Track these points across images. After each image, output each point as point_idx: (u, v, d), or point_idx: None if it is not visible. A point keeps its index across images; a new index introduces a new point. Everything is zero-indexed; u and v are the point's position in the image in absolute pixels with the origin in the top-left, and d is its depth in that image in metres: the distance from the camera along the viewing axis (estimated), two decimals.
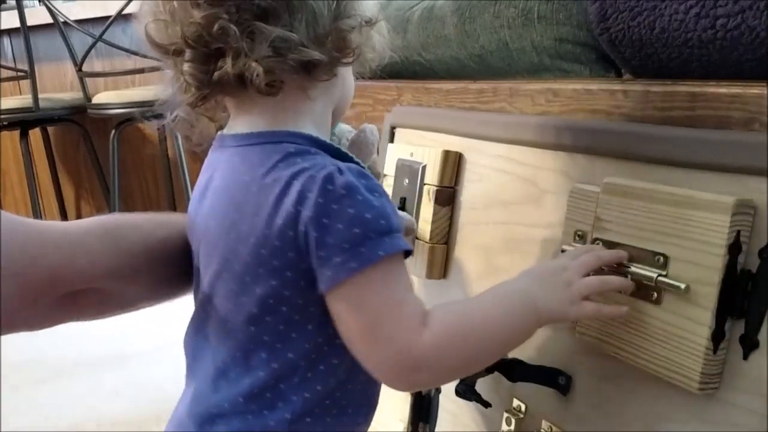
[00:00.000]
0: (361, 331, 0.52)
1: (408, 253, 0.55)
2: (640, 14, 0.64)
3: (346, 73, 0.62)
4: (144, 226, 0.66)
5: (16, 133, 2.38)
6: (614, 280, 0.60)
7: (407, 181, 0.98)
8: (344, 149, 0.61)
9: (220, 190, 0.58)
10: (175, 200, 2.48)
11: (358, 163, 0.57)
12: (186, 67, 0.55)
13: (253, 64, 0.51)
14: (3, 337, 0.62)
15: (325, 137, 0.59)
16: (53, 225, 0.60)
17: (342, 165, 0.54)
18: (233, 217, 0.56)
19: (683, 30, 0.60)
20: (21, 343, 1.81)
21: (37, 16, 2.31)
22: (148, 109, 0.63)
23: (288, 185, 0.52)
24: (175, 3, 0.53)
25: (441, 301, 0.63)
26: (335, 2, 0.55)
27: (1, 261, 0.54)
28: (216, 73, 0.53)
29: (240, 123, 0.59)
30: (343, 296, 0.52)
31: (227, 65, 0.52)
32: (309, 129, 0.58)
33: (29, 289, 0.57)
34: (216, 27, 0.51)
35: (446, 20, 0.93)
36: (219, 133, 0.62)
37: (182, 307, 0.70)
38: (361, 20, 0.57)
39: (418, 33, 1.00)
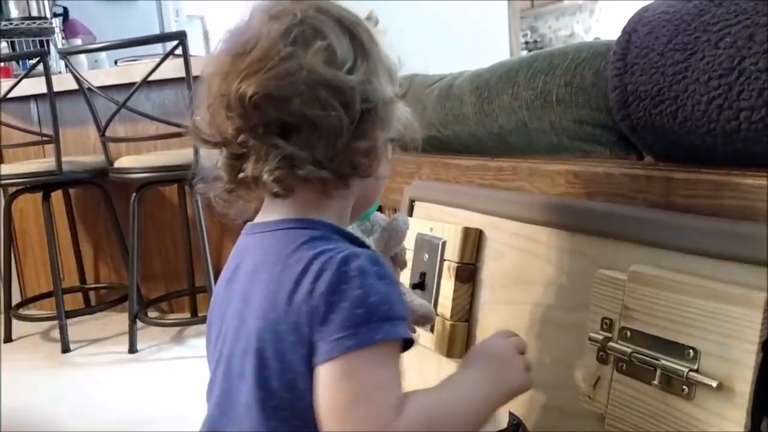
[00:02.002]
0: (339, 406, 0.54)
1: (408, 344, 0.58)
2: (662, 103, 0.64)
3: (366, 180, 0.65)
4: None
5: (38, 194, 2.41)
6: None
7: (427, 256, 0.98)
8: (375, 236, 0.69)
9: (250, 273, 0.62)
10: (193, 262, 2.49)
11: (373, 251, 0.61)
12: (220, 162, 0.63)
13: (266, 174, 0.58)
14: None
15: (344, 226, 0.65)
16: None
17: (358, 250, 0.58)
18: (258, 296, 0.60)
19: (706, 120, 0.60)
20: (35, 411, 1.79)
21: (63, 82, 2.37)
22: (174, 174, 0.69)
23: (309, 264, 0.57)
24: (212, 111, 0.61)
25: None
26: (354, 126, 0.59)
27: None
28: (240, 174, 0.60)
29: (269, 213, 0.65)
30: (332, 370, 0.54)
31: (248, 169, 0.59)
32: (330, 219, 0.64)
33: None
34: (240, 139, 0.59)
35: (464, 99, 0.94)
36: (248, 223, 0.67)
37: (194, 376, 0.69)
38: (380, 140, 0.62)
39: (436, 110, 1.01)
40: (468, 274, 0.92)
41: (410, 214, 1.07)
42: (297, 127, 0.58)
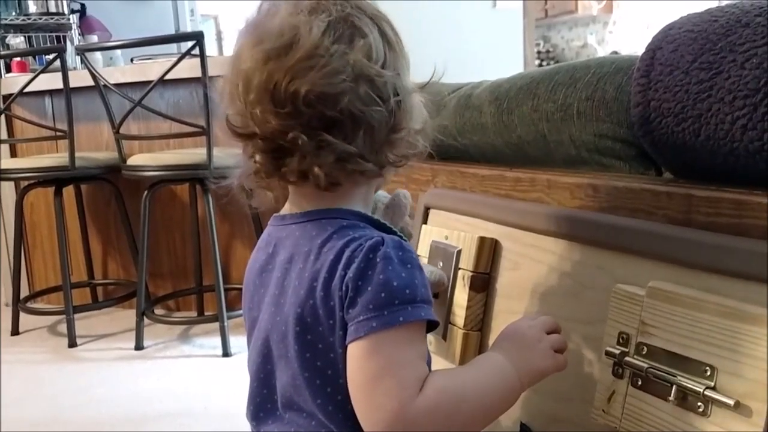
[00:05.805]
0: (364, 381, 0.58)
1: (432, 325, 0.61)
2: (684, 120, 0.64)
3: None
4: None
5: (50, 189, 2.43)
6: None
7: (441, 264, 0.98)
8: (380, 213, 0.71)
9: (285, 263, 0.66)
10: (201, 260, 2.50)
11: (400, 236, 0.65)
12: (258, 157, 0.63)
13: (316, 168, 0.60)
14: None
15: (368, 211, 0.69)
16: None
17: (386, 237, 0.62)
18: (295, 284, 0.64)
19: (729, 139, 0.61)
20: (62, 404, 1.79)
21: (79, 78, 2.39)
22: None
23: (341, 252, 0.61)
24: (250, 105, 0.60)
25: None
26: (391, 118, 0.62)
27: None
28: (283, 168, 0.62)
29: (298, 204, 0.68)
30: (358, 349, 0.58)
31: (293, 164, 0.61)
32: (358, 206, 0.67)
33: None
34: (290, 136, 0.59)
35: (484, 109, 0.95)
36: (275, 214, 0.70)
37: (199, 374, 0.70)
38: (412, 130, 0.65)
39: (454, 119, 1.02)
40: (482, 283, 0.92)
41: (425, 221, 1.07)
42: (339, 121, 0.60)
